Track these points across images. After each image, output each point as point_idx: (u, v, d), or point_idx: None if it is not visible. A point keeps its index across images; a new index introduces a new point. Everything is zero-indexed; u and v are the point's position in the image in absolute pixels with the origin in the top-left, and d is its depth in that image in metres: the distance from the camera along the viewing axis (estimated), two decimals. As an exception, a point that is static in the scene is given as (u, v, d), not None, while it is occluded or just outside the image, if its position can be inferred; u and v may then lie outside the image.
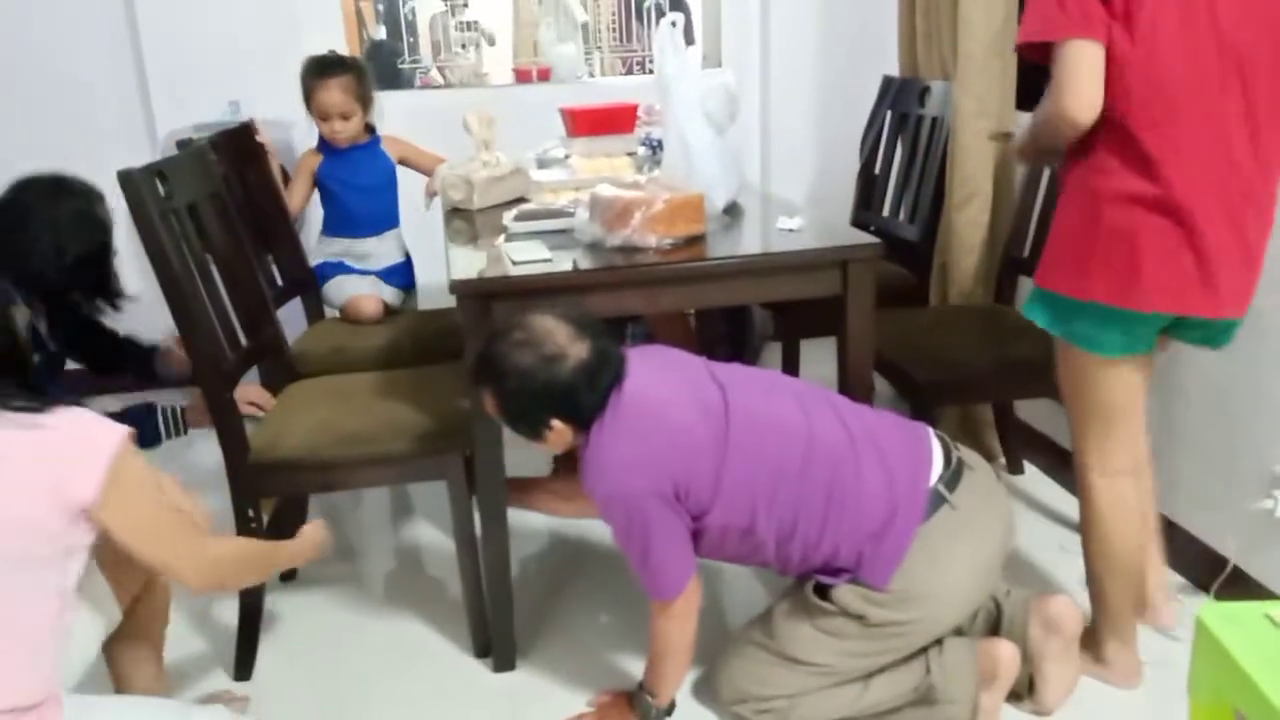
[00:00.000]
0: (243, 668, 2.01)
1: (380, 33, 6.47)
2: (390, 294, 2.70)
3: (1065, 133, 1.61)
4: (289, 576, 2.34)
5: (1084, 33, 1.54)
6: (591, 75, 4.30)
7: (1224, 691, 1.26)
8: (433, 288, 2.64)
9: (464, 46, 5.90)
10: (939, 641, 1.73)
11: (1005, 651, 1.72)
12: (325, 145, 2.66)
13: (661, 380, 1.71)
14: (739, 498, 1.66)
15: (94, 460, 1.24)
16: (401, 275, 2.78)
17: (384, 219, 2.75)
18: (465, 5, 5.88)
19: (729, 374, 1.76)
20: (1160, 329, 1.68)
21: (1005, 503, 1.79)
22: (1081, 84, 1.55)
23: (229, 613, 2.04)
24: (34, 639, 1.26)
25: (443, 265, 1.95)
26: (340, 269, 2.66)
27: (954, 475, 1.70)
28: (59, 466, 1.23)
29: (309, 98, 2.58)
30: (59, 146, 3.21)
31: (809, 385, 1.82)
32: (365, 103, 2.63)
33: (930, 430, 1.78)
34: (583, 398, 1.64)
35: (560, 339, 1.63)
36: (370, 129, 2.71)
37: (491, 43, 6.13)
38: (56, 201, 1.92)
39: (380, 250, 2.74)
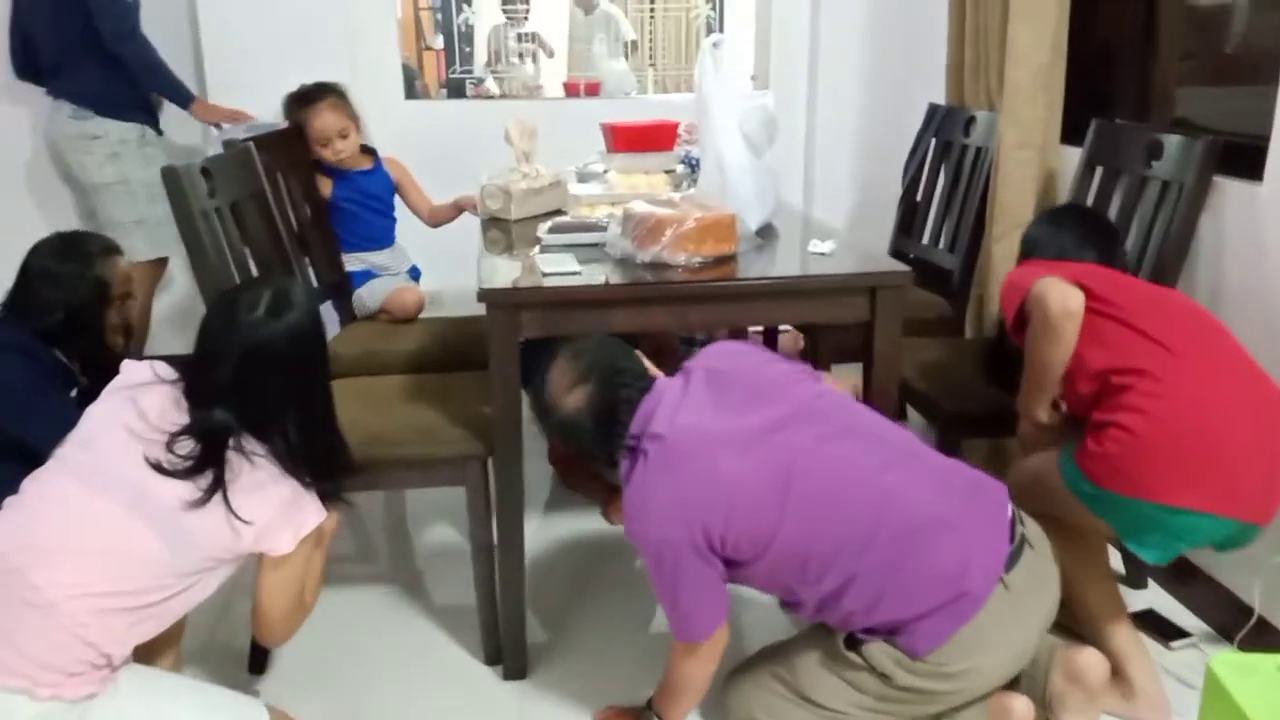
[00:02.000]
0: (257, 664, 2.04)
1: (438, 42, 6.59)
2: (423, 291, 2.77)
3: None
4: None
5: None
6: (643, 92, 4.33)
7: (1234, 744, 1.24)
8: (467, 294, 2.67)
9: (520, 57, 5.98)
10: None
11: (1019, 706, 1.66)
12: (331, 171, 2.70)
13: (717, 413, 1.64)
14: (786, 562, 1.60)
15: (301, 528, 1.56)
16: (416, 279, 2.87)
17: (391, 233, 2.84)
18: (525, 18, 5.94)
19: (806, 402, 1.68)
20: None
21: (1055, 584, 1.69)
22: None
23: (245, 608, 2.07)
24: (168, 618, 1.53)
25: (474, 274, 1.97)
26: (369, 275, 2.72)
27: (1015, 553, 1.60)
28: (272, 522, 1.53)
29: (305, 129, 2.63)
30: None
31: (892, 429, 1.72)
32: (356, 120, 2.71)
33: (1007, 496, 1.66)
34: (586, 442, 1.68)
35: (556, 388, 1.68)
36: (369, 151, 2.79)
37: (550, 55, 6.21)
38: (61, 260, 1.98)
39: (395, 262, 2.80)
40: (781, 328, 3.29)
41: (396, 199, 2.86)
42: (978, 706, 1.67)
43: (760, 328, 3.18)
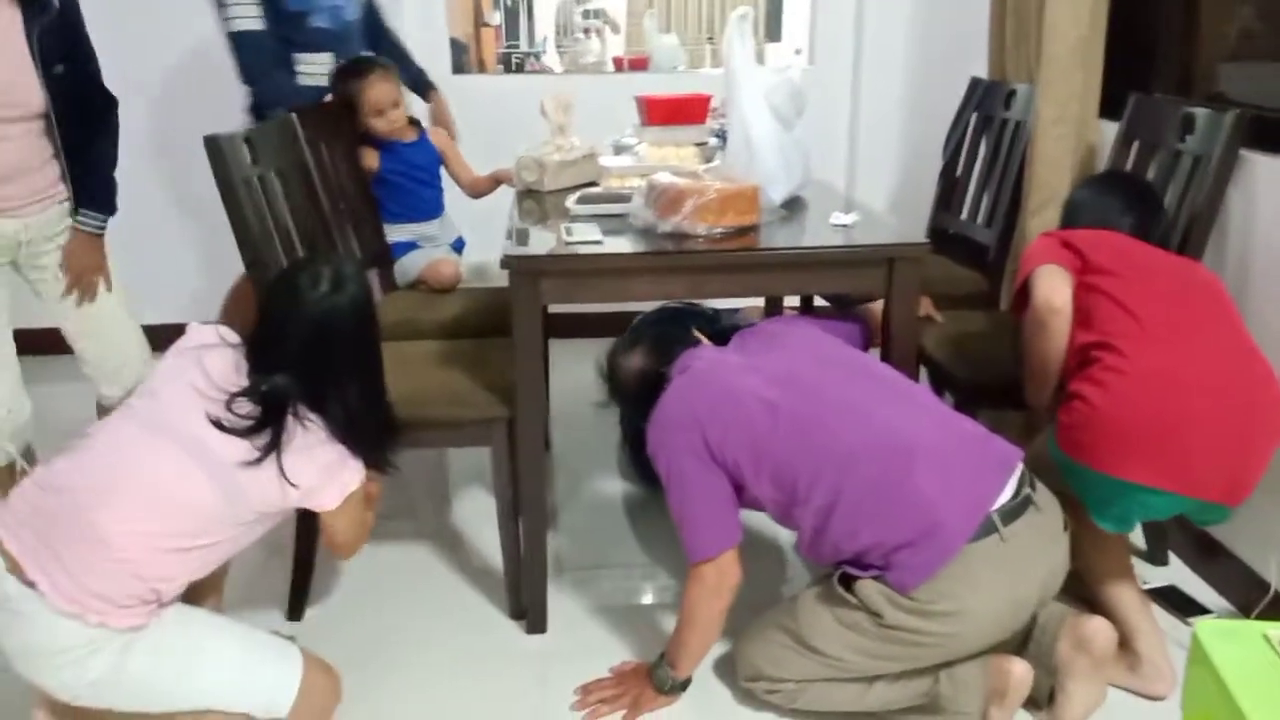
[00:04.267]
0: (294, 610, 2.16)
1: (496, 18, 6.63)
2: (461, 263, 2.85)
3: None
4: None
5: None
6: (697, 66, 4.34)
7: (1213, 707, 1.26)
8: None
9: (586, 33, 6.01)
10: None
11: (1017, 669, 1.69)
12: (379, 143, 2.75)
13: (737, 354, 1.85)
14: (782, 478, 1.70)
15: (346, 487, 1.68)
16: (460, 246, 2.95)
17: (439, 204, 2.90)
18: None
19: (819, 350, 1.85)
20: None
21: (1061, 553, 1.71)
22: None
23: (286, 558, 2.18)
24: (216, 561, 1.66)
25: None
26: (413, 246, 2.80)
27: (1016, 509, 1.64)
28: (318, 482, 1.64)
29: (357, 102, 2.67)
30: (189, 116, 3.47)
31: (904, 381, 1.83)
32: (401, 91, 2.76)
33: (1019, 457, 1.70)
34: (639, 398, 1.91)
35: (619, 354, 2.03)
36: (414, 123, 2.85)
37: (617, 30, 6.22)
38: None
39: (443, 232, 2.88)
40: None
41: (442, 170, 2.94)
42: (977, 665, 1.70)
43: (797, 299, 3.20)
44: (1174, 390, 1.66)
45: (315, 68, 2.86)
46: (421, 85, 3.13)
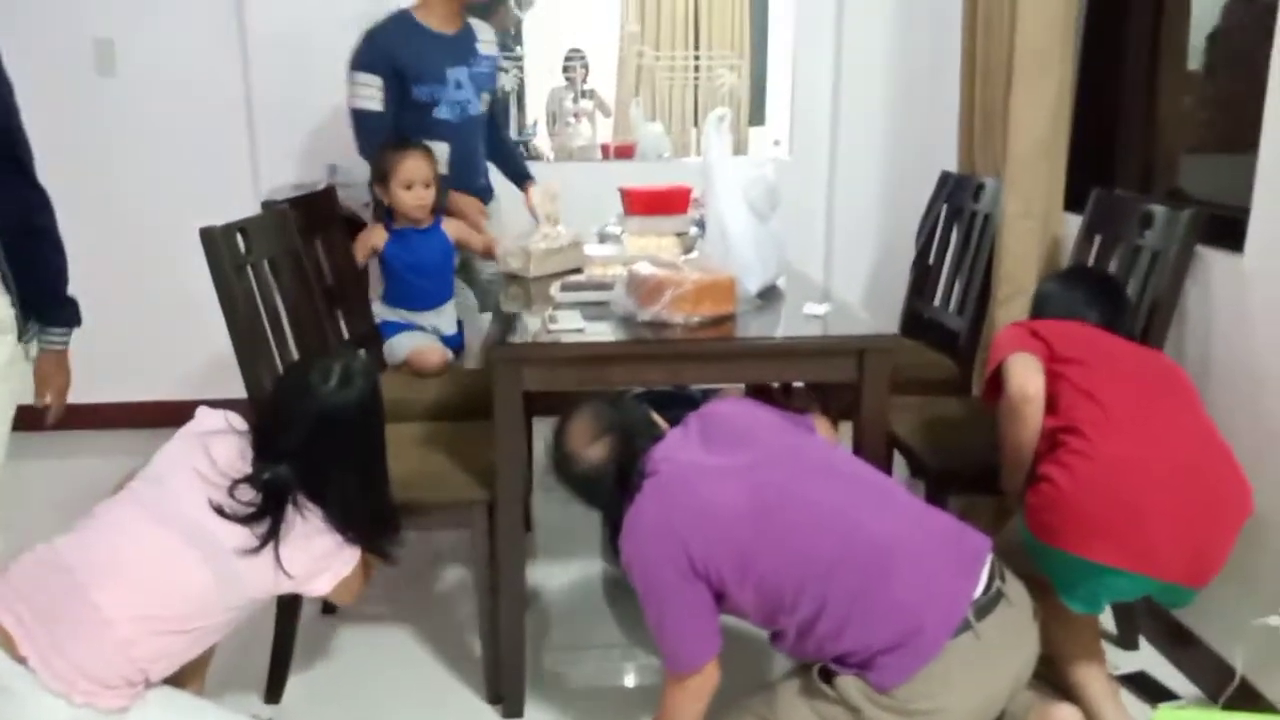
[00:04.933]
0: (273, 693, 2.16)
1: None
2: (449, 351, 2.86)
3: None
4: (329, 610, 2.49)
5: None
6: (684, 154, 4.44)
7: (1171, 796, 1.28)
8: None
9: (576, 117, 6.15)
10: None
11: None
12: (390, 224, 2.78)
13: (705, 453, 1.79)
14: (767, 590, 1.69)
15: (339, 574, 1.76)
16: (454, 341, 2.92)
17: (442, 294, 2.88)
18: (585, 79, 6.00)
19: (788, 447, 1.81)
20: None
21: (1033, 644, 1.73)
22: None
23: (266, 640, 2.19)
24: (205, 644, 1.70)
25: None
26: (403, 327, 2.83)
27: (988, 604, 1.65)
28: (313, 570, 1.71)
29: (390, 172, 2.69)
30: (176, 199, 3.57)
31: (872, 474, 1.82)
32: (436, 178, 2.78)
33: (988, 549, 1.71)
34: (596, 494, 1.84)
35: (577, 443, 1.83)
36: (432, 211, 2.84)
37: (608, 115, 6.36)
38: None
39: (438, 322, 2.87)
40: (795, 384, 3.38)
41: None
42: (947, 756, 1.72)
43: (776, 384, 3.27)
44: (1136, 473, 1.72)
45: (435, 156, 2.96)
46: (521, 178, 3.22)
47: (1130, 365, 1.89)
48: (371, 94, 2.82)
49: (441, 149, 2.92)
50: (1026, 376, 1.88)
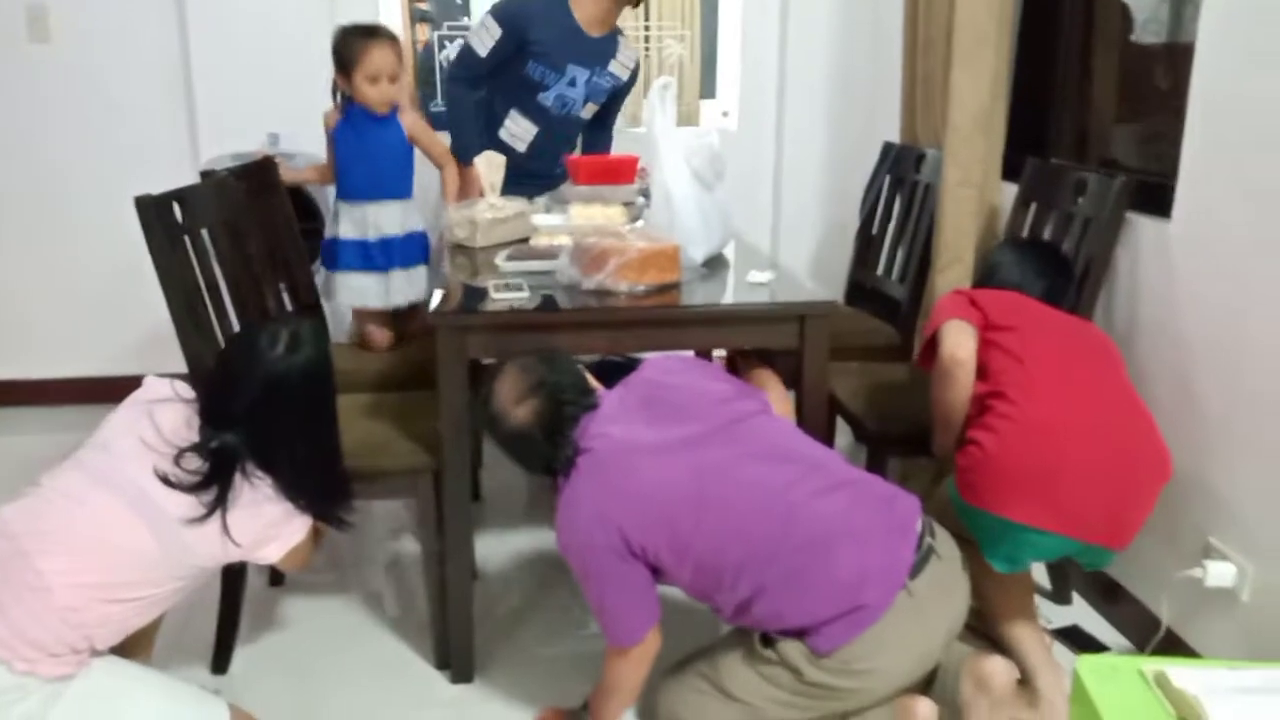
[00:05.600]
0: (219, 664, 2.16)
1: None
2: (403, 293, 2.70)
3: None
4: (277, 581, 2.49)
5: None
6: (636, 124, 4.42)
7: (1093, 742, 1.33)
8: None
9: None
10: None
11: (922, 709, 1.75)
12: (349, 108, 2.62)
13: (644, 427, 1.77)
14: (704, 571, 1.71)
15: (288, 541, 1.75)
16: (417, 248, 2.74)
17: (392, 186, 2.67)
18: None
19: (729, 422, 1.79)
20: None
21: (963, 595, 1.79)
22: None
23: (211, 611, 2.18)
24: (153, 613, 1.69)
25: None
26: (349, 252, 2.65)
27: (920, 561, 1.70)
28: (261, 538, 1.71)
29: (354, 62, 2.52)
30: (112, 169, 3.50)
31: (812, 448, 1.83)
32: (402, 70, 2.62)
33: (918, 510, 1.76)
34: (526, 457, 1.82)
35: (504, 400, 1.80)
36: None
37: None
38: None
39: (386, 218, 2.66)
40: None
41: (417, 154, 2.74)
42: (885, 708, 1.77)
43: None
44: (1058, 437, 1.78)
45: (520, 132, 2.98)
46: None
47: (1061, 334, 1.95)
48: (486, 40, 2.85)
49: (529, 129, 2.93)
50: (959, 341, 1.92)
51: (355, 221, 2.66)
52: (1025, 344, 1.89)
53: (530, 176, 3.02)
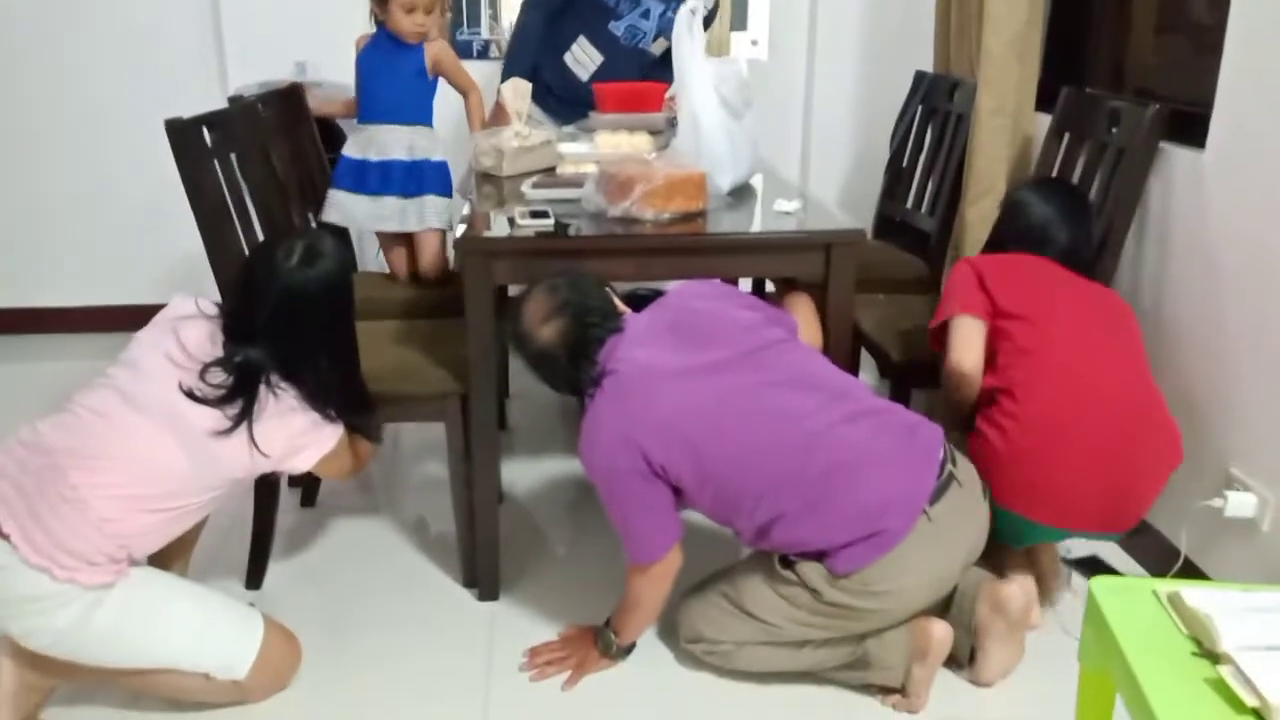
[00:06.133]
0: (253, 579, 2.22)
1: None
2: (398, 219, 2.61)
3: None
4: (309, 502, 2.55)
5: None
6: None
7: (1106, 659, 1.35)
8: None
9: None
10: None
11: (938, 630, 1.79)
12: (378, 32, 2.56)
13: (671, 352, 1.78)
14: (724, 494, 1.74)
15: (321, 446, 1.79)
16: (428, 177, 2.63)
17: (407, 111, 2.60)
18: None
19: (755, 349, 1.80)
20: None
21: (983, 522, 1.82)
22: None
23: (246, 530, 2.24)
24: (187, 523, 1.75)
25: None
26: (345, 171, 2.60)
27: (941, 487, 1.71)
28: (290, 448, 1.75)
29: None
30: (141, 99, 3.51)
31: (838, 377, 1.84)
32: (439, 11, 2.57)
33: (941, 438, 1.78)
34: (552, 376, 1.85)
35: (530, 319, 1.82)
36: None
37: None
38: None
39: (393, 141, 2.58)
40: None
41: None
42: (902, 628, 1.81)
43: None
44: (1060, 436, 1.83)
45: (585, 59, 2.96)
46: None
47: (1075, 313, 1.94)
48: None
49: (595, 58, 2.92)
50: (964, 351, 1.95)
51: (360, 141, 2.61)
52: (1035, 334, 1.90)
53: (586, 106, 2.98)
